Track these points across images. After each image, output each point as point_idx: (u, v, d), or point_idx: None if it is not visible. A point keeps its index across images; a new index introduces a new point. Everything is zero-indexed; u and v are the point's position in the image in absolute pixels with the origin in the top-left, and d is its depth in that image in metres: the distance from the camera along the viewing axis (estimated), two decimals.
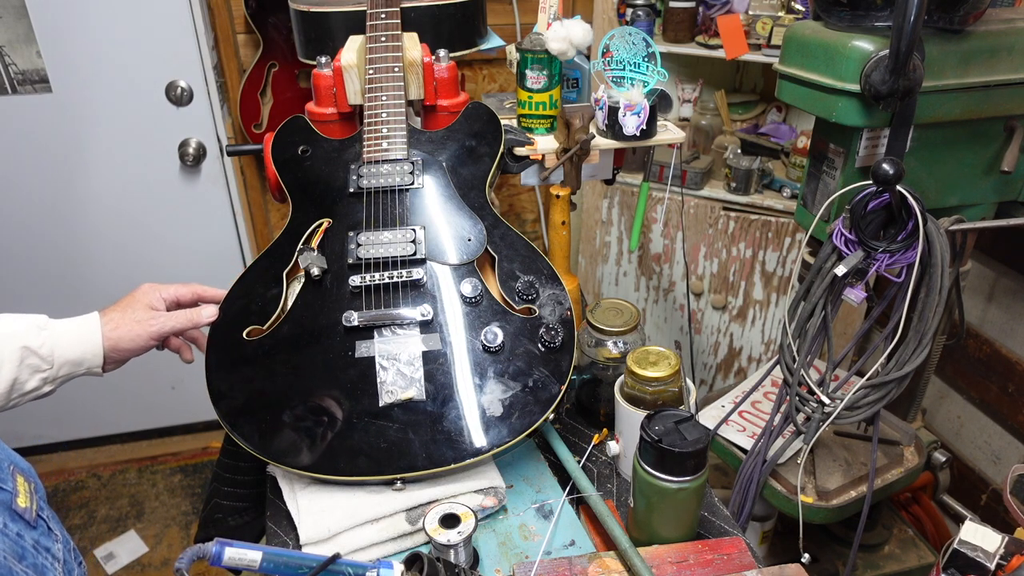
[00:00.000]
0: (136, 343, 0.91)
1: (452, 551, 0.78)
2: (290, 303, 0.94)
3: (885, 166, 0.92)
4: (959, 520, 1.57)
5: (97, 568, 1.99)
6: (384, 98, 1.07)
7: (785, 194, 1.95)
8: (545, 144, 1.15)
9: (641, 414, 0.88)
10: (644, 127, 1.13)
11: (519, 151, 1.14)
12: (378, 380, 0.89)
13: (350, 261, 0.95)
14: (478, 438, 0.86)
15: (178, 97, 1.94)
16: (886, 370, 1.07)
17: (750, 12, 1.84)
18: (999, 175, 1.16)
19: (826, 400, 1.10)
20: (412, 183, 1.01)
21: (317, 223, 0.98)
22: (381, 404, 0.87)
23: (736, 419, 1.35)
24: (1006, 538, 0.84)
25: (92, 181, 2.00)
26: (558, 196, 1.12)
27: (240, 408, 0.88)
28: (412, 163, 1.02)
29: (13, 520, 0.61)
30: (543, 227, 2.43)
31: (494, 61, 2.17)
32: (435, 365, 0.90)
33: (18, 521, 0.61)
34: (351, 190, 1.01)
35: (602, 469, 1.00)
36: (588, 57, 1.28)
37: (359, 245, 0.95)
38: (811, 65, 1.07)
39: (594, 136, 1.14)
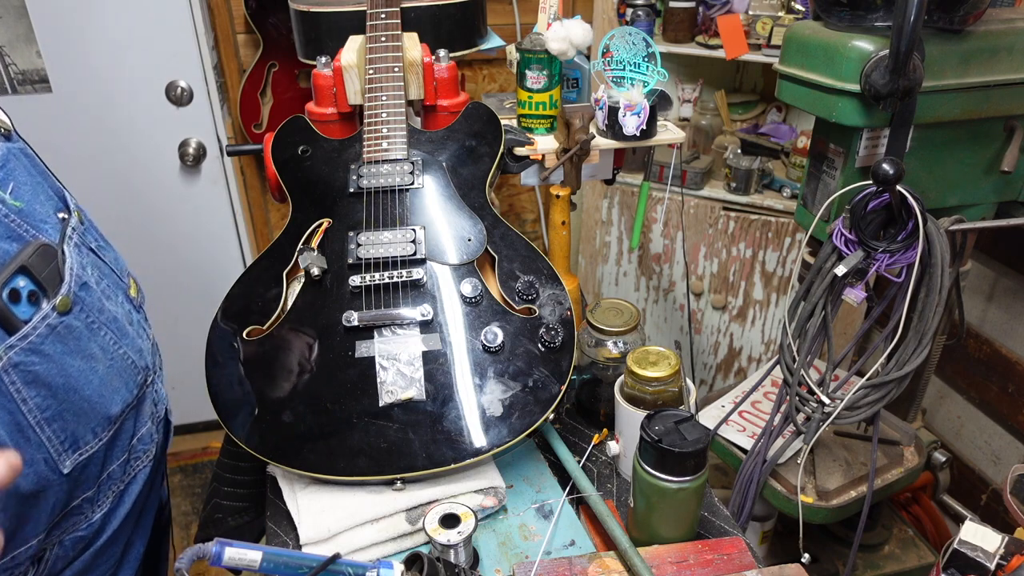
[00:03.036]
0: None
1: (452, 551, 0.78)
2: (290, 303, 0.94)
3: (885, 166, 0.92)
4: (959, 520, 1.57)
5: None
6: (384, 98, 1.07)
7: (785, 194, 1.95)
8: (545, 144, 1.15)
9: (641, 414, 0.88)
10: (644, 127, 1.13)
11: (519, 151, 1.14)
12: (378, 380, 0.89)
13: (350, 261, 0.95)
14: (478, 438, 0.86)
15: (178, 97, 1.94)
16: (886, 370, 1.07)
17: (750, 12, 1.84)
18: (999, 175, 1.16)
19: (826, 400, 1.10)
20: (412, 183, 1.01)
21: (317, 223, 0.98)
22: (381, 404, 0.88)
23: (736, 419, 1.35)
24: (1006, 538, 0.84)
25: (92, 181, 2.00)
26: (558, 196, 1.12)
27: (240, 408, 0.88)
28: (412, 163, 1.02)
29: (128, 300, 0.85)
30: (543, 227, 2.43)
31: (494, 61, 2.17)
32: (435, 365, 0.90)
33: (130, 302, 0.86)
34: (351, 190, 1.01)
35: (602, 469, 1.00)
36: (588, 57, 1.28)
37: (359, 245, 0.95)
38: (811, 65, 1.07)
39: (594, 136, 1.14)
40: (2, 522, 0.67)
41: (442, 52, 1.13)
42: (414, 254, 0.95)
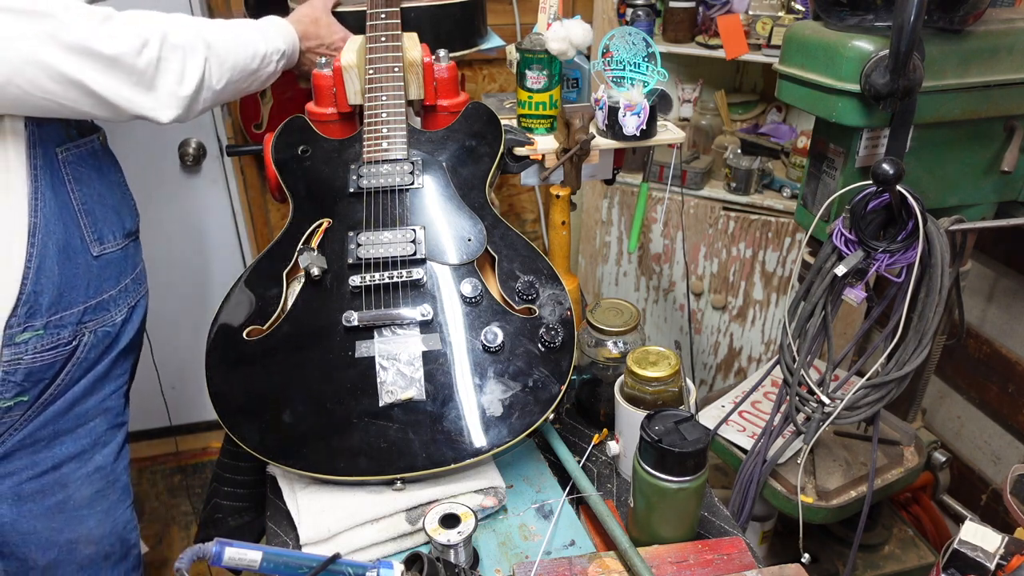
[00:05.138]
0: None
1: (452, 551, 0.78)
2: (290, 303, 0.94)
3: (885, 166, 0.92)
4: (959, 520, 1.57)
5: None
6: (384, 98, 1.07)
7: (785, 194, 1.95)
8: (545, 144, 1.15)
9: (641, 414, 0.88)
10: (644, 127, 1.13)
11: (519, 151, 1.14)
12: (378, 380, 0.89)
13: (350, 261, 0.95)
14: (478, 438, 0.86)
15: None
16: (886, 370, 1.07)
17: (750, 12, 1.84)
18: (999, 175, 1.16)
19: (826, 400, 1.10)
20: (412, 183, 1.01)
21: (317, 223, 0.98)
22: (381, 404, 0.88)
23: (736, 419, 1.35)
24: (1006, 538, 0.84)
25: None
26: (558, 196, 1.12)
27: (240, 408, 0.88)
28: (412, 163, 1.02)
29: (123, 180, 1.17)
30: (543, 227, 2.43)
31: (494, 61, 2.17)
32: (435, 365, 0.90)
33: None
34: (351, 190, 1.01)
35: (602, 469, 1.00)
36: (588, 57, 1.28)
37: (359, 245, 0.95)
38: (811, 65, 1.07)
39: (594, 136, 1.14)
40: (57, 283, 0.94)
41: (442, 52, 1.13)
42: (414, 254, 0.95)
